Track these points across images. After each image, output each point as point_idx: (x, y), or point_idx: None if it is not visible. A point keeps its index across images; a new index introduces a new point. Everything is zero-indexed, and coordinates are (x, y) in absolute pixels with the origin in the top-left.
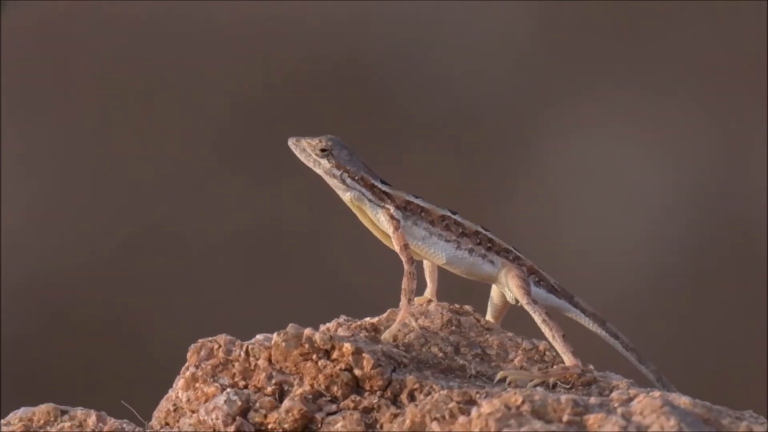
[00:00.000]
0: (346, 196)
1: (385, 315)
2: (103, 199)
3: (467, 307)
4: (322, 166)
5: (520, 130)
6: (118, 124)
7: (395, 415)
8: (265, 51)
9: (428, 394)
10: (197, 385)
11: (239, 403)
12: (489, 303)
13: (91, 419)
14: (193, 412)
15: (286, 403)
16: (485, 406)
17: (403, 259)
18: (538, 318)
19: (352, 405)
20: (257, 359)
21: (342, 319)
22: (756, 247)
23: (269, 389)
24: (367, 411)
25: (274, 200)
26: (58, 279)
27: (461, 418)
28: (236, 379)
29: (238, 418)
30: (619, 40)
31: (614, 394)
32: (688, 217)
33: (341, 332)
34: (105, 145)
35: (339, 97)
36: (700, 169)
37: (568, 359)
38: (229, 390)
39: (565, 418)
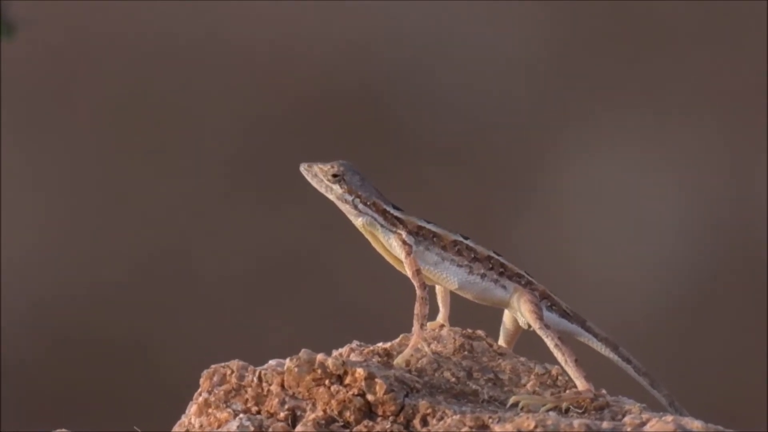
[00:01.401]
0: (358, 222)
1: (397, 340)
2: (113, 223)
3: (480, 332)
4: (334, 192)
5: (531, 154)
6: (129, 148)
7: None
8: (276, 76)
9: (441, 419)
10: (210, 410)
11: (252, 428)
12: (501, 328)
13: None
14: None
15: (299, 428)
16: (498, 431)
17: (416, 284)
18: (550, 343)
19: (364, 430)
20: (270, 385)
21: (354, 344)
22: None
23: (282, 414)
24: None
25: (286, 224)
26: (68, 304)
27: None
28: (249, 405)
29: None
30: (631, 63)
31: (627, 419)
32: (700, 241)
33: (354, 357)
34: (115, 168)
35: (350, 120)
36: (711, 192)
37: (581, 384)
38: (242, 415)
39: None
